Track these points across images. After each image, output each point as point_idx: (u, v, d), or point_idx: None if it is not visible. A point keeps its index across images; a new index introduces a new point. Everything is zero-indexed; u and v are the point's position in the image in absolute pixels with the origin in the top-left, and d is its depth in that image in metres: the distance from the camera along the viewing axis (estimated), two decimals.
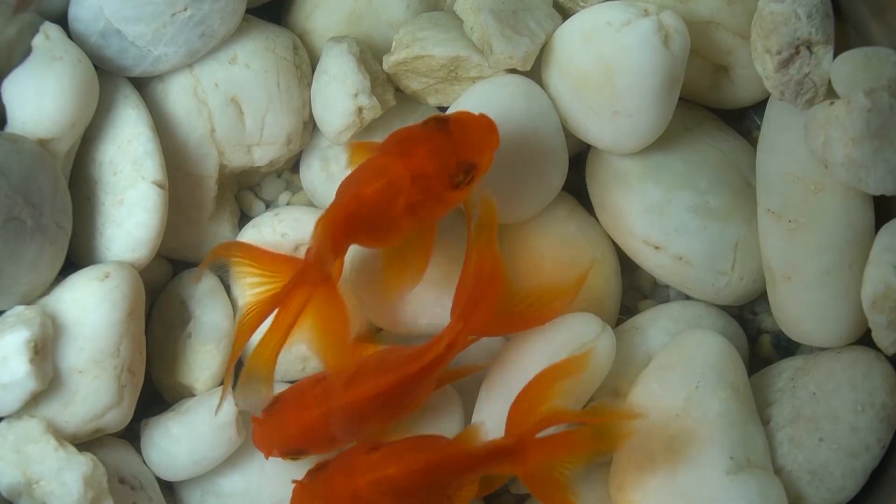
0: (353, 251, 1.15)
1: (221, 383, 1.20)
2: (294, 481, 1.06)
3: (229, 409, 1.15)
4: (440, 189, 1.06)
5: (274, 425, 1.09)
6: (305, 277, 1.04)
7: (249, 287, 1.07)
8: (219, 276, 1.25)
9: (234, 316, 1.23)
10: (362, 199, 1.05)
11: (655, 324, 1.22)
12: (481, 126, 1.07)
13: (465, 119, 1.07)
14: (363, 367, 1.09)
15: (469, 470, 1.05)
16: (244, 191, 1.31)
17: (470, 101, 1.20)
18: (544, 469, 1.06)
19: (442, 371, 1.10)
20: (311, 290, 1.04)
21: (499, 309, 1.10)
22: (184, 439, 1.15)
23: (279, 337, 1.04)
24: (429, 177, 1.05)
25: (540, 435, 1.06)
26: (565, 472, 1.06)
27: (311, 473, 1.06)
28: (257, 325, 1.06)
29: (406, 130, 1.09)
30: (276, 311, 1.05)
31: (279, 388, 1.22)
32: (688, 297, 1.27)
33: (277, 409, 1.09)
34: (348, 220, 1.05)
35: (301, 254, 1.19)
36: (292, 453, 1.11)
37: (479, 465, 1.05)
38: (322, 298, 1.05)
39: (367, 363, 1.10)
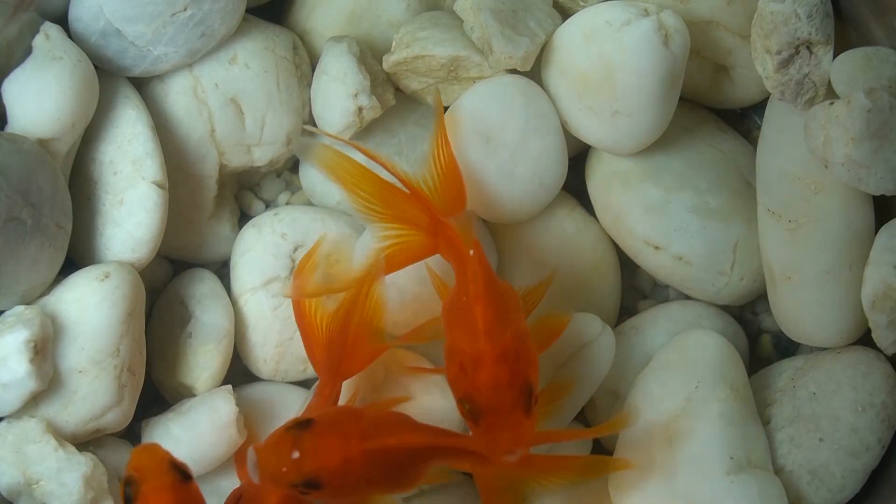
0: None
1: (221, 384, 1.20)
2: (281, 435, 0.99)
3: (229, 408, 1.15)
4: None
5: None
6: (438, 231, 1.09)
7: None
8: (218, 277, 1.25)
9: (234, 316, 1.22)
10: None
11: (655, 324, 1.22)
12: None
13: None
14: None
15: (451, 459, 1.04)
16: (244, 191, 1.31)
17: (470, 101, 1.19)
18: (505, 479, 1.04)
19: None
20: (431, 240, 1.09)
21: (361, 349, 1.10)
22: (184, 439, 1.15)
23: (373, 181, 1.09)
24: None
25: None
26: (528, 488, 1.05)
27: (290, 429, 0.98)
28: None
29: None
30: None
31: (278, 388, 1.23)
32: (688, 298, 1.26)
33: None
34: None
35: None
36: None
37: (462, 457, 1.03)
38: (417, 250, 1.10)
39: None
